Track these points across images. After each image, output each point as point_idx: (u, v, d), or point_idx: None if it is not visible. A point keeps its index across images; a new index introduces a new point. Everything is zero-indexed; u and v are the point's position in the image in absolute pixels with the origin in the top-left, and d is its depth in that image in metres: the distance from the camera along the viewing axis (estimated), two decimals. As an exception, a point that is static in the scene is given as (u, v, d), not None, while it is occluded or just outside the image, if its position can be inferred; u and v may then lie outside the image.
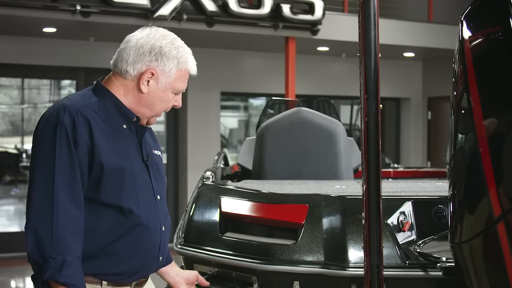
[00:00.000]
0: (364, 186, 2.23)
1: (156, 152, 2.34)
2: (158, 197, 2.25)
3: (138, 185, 2.17)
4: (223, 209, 2.97)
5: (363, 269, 2.27)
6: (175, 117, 10.20)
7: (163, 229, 2.26)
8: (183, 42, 2.27)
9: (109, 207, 2.12)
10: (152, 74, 2.17)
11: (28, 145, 10.87)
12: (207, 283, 2.62)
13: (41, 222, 2.02)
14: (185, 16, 8.03)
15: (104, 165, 2.08)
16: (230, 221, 2.98)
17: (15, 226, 9.85)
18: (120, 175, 2.11)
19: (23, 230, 2.08)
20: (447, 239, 2.32)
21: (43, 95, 10.94)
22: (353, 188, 3.33)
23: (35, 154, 2.08)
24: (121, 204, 2.12)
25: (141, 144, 2.23)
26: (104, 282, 2.17)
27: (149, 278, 2.38)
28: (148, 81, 2.17)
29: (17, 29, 8.41)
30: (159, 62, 2.17)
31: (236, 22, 8.41)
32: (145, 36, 2.19)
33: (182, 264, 3.00)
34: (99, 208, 2.11)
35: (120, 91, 2.20)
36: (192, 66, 2.25)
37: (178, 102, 2.27)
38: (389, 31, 9.65)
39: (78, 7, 7.44)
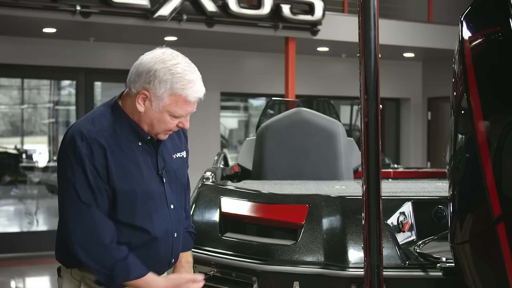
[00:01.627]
0: (364, 187, 2.23)
1: (177, 155, 2.42)
2: (172, 206, 2.35)
3: (151, 202, 2.28)
4: (223, 210, 2.97)
5: (363, 269, 2.27)
6: (175, 118, 10.18)
7: (175, 235, 2.36)
8: (189, 68, 2.24)
9: (125, 224, 2.24)
10: (146, 95, 2.21)
11: (27, 145, 10.86)
12: None
13: (85, 236, 2.15)
14: (185, 17, 8.02)
15: (116, 189, 2.20)
16: (230, 221, 2.98)
17: (15, 226, 9.84)
18: (132, 198, 2.23)
19: (23, 230, 2.17)
20: (447, 240, 2.32)
21: (43, 95, 10.94)
22: (353, 188, 3.33)
23: (60, 179, 2.23)
24: (136, 223, 2.25)
25: (157, 157, 2.31)
26: None
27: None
28: (144, 101, 2.22)
29: (17, 29, 8.41)
30: (151, 85, 2.20)
31: (236, 23, 8.41)
32: (150, 57, 2.23)
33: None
34: (116, 223, 2.23)
35: (131, 107, 2.27)
36: (190, 92, 2.22)
37: (183, 124, 2.30)
38: (389, 32, 9.64)
39: (78, 8, 7.44)
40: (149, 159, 2.29)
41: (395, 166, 7.42)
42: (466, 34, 2.18)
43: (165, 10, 7.81)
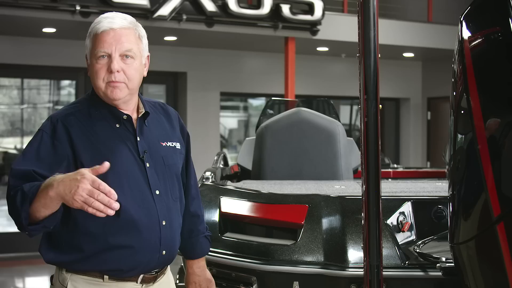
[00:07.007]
0: (364, 187, 2.23)
1: (166, 143, 2.36)
2: (157, 192, 2.25)
3: (125, 182, 2.18)
4: (223, 209, 2.97)
5: (362, 269, 2.27)
6: (175, 117, 10.19)
7: (164, 223, 2.24)
8: (108, 14, 2.34)
9: None
10: (86, 55, 2.31)
11: (27, 145, 10.86)
12: None
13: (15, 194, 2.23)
14: (184, 16, 8.02)
15: (84, 165, 2.12)
16: (229, 221, 2.98)
17: (15, 226, 9.82)
18: (102, 175, 2.10)
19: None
20: (447, 240, 2.32)
21: (43, 95, 10.94)
22: (353, 188, 3.34)
23: None
24: None
25: (136, 140, 2.25)
26: (106, 277, 2.21)
27: (164, 278, 2.37)
28: (86, 62, 2.32)
29: (17, 29, 8.41)
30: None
31: (235, 22, 8.41)
32: None
33: (182, 264, 3.00)
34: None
35: None
36: (100, 26, 2.27)
37: (111, 67, 2.23)
38: (389, 31, 9.64)
39: (78, 7, 7.44)
40: (128, 141, 2.24)
41: (395, 166, 7.41)
42: (466, 34, 2.18)
43: (164, 10, 7.81)
